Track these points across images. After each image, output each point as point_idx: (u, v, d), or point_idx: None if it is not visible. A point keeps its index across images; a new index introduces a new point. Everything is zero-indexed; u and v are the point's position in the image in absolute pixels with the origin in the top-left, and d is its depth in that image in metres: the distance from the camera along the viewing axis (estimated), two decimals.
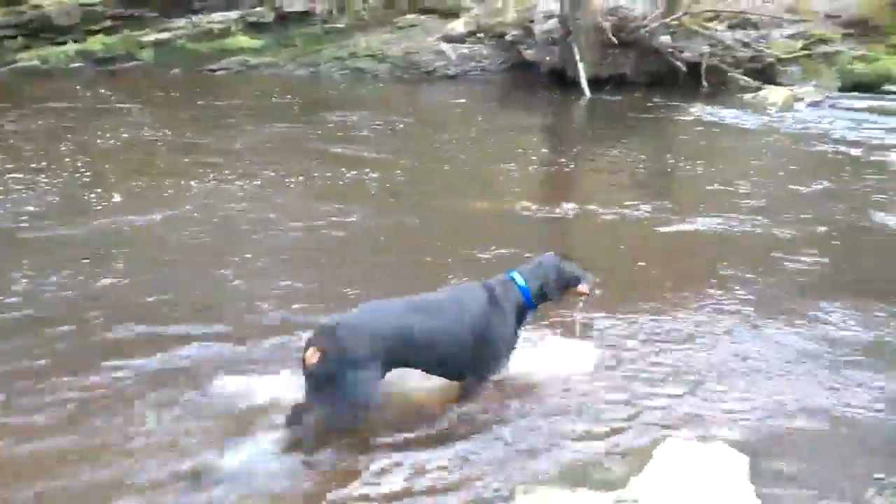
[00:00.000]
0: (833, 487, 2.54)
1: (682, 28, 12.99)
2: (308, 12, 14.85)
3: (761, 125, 9.92)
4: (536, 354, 3.28)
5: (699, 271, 4.51)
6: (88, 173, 6.40)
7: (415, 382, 2.97)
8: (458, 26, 14.47)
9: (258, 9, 14.66)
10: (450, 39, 14.35)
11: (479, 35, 14.43)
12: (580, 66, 12.39)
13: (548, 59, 13.14)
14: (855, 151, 8.27)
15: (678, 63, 12.70)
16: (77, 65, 13.57)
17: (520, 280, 2.99)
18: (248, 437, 2.62)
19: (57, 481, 2.44)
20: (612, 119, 10.67)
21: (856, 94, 12.77)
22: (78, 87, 11.55)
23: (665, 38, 12.76)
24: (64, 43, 13.70)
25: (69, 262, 4.27)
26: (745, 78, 12.86)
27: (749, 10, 14.49)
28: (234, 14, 14.61)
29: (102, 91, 11.28)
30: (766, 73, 13.18)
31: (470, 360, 2.88)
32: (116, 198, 5.64)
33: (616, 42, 12.59)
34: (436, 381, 2.96)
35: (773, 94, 11.75)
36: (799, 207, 5.97)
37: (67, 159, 6.83)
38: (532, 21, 13.51)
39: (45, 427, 2.72)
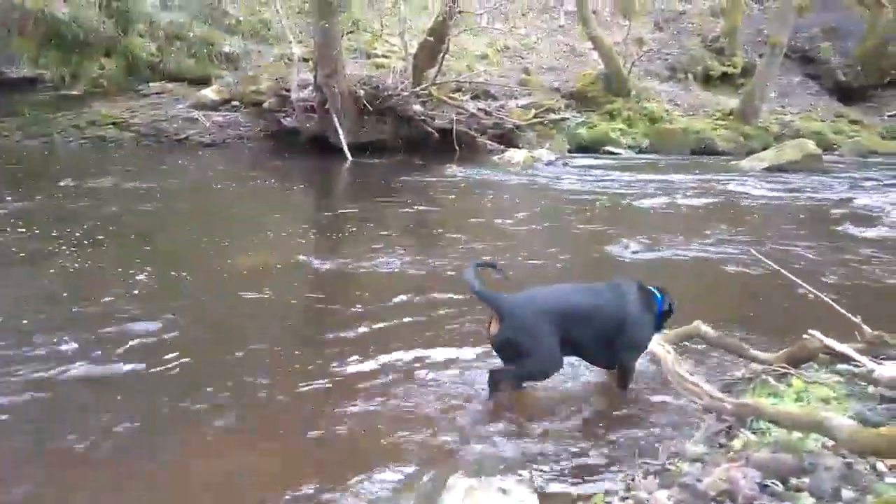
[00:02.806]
0: None
1: (432, 98, 13.87)
2: (36, 79, 13.47)
3: (508, 181, 10.86)
4: None
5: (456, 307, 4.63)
6: None
7: None
8: (209, 94, 14.05)
9: None
10: (201, 107, 13.86)
11: (233, 103, 14.14)
12: (340, 132, 12.63)
13: (308, 125, 13.21)
14: (586, 197, 9.37)
15: (431, 129, 13.51)
16: None
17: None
18: None
19: None
20: (374, 181, 10.94)
21: (582, 154, 14.63)
22: None
23: (417, 107, 13.51)
24: None
25: None
26: (491, 142, 14.05)
27: (487, 83, 16.00)
28: None
29: None
30: (506, 138, 14.53)
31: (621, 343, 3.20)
32: None
33: (371, 110, 13.09)
34: None
35: (516, 156, 12.97)
36: (545, 243, 6.51)
37: None
38: (288, 89, 13.55)
39: None
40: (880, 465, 2.05)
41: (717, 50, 20.66)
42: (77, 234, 6.21)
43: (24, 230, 6.36)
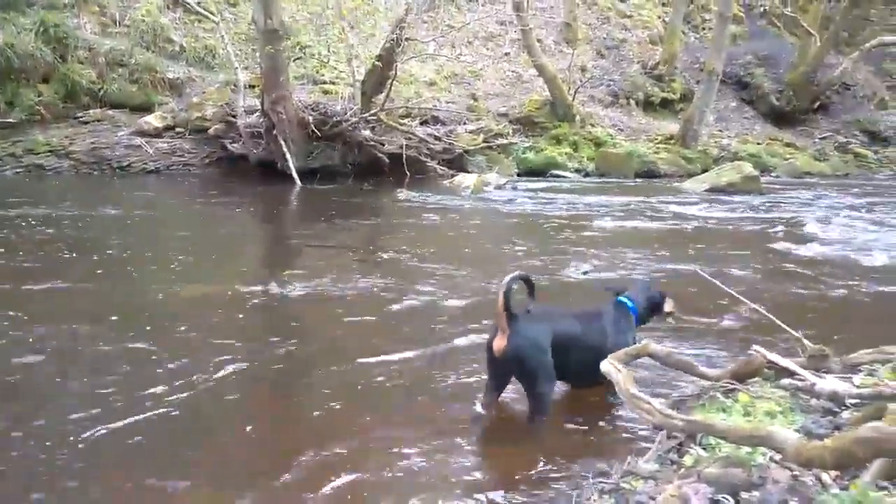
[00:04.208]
0: None
1: (381, 123, 13.90)
2: None
3: (459, 205, 10.92)
4: None
5: (421, 333, 4.61)
6: None
7: None
8: (152, 121, 13.73)
9: None
10: (144, 134, 13.55)
11: (177, 130, 13.88)
12: (288, 157, 12.52)
13: (255, 151, 13.06)
14: (536, 220, 9.52)
15: (381, 155, 13.51)
16: None
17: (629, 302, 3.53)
18: None
19: None
20: (324, 206, 10.85)
21: (531, 177, 14.85)
22: None
23: (366, 132, 13.51)
24: None
25: None
26: (441, 167, 14.15)
27: (436, 109, 16.13)
28: None
29: None
30: (456, 163, 14.66)
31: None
32: None
33: (320, 135, 13.03)
34: None
35: (466, 180, 13.06)
36: (497, 265, 6.53)
37: None
38: (234, 115, 13.39)
39: None
40: (825, 477, 2.09)
41: (656, 77, 21.36)
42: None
43: None
